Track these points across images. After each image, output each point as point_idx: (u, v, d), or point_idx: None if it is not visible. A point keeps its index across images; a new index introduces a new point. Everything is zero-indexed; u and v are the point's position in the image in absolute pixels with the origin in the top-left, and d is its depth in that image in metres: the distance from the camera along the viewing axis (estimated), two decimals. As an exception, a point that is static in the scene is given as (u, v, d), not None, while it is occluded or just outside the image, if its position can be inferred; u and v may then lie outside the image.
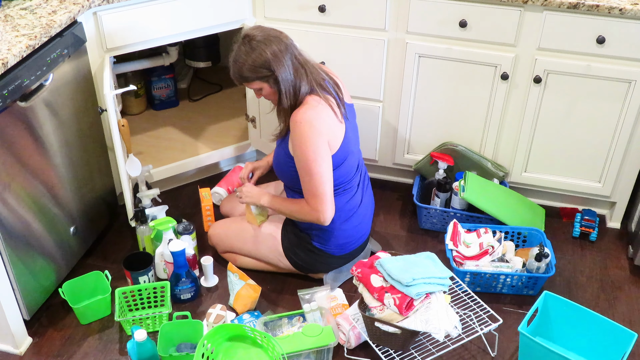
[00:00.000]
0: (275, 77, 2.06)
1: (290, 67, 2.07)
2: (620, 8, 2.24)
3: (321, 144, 2.07)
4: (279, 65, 2.05)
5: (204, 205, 2.65)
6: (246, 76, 2.08)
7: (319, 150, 2.07)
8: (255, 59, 2.04)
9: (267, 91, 2.12)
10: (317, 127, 2.06)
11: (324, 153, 2.08)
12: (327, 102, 2.12)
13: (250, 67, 2.06)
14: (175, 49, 3.12)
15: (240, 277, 2.33)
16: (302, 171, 2.11)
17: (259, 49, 2.04)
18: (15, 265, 2.05)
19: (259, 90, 2.14)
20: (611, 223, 2.75)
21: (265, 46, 2.04)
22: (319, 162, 2.08)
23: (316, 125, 2.06)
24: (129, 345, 2.09)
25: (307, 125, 2.05)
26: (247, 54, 2.05)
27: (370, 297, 1.99)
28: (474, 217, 2.62)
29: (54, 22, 2.10)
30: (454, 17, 2.44)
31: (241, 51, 2.06)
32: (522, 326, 2.05)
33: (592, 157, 2.60)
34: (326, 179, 2.10)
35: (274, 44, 2.05)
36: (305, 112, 2.07)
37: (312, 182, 2.10)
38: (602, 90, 2.43)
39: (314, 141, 2.06)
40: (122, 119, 2.43)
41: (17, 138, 2.00)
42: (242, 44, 2.07)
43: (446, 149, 2.70)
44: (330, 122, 2.11)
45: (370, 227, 2.41)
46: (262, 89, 2.12)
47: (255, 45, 2.04)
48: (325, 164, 2.09)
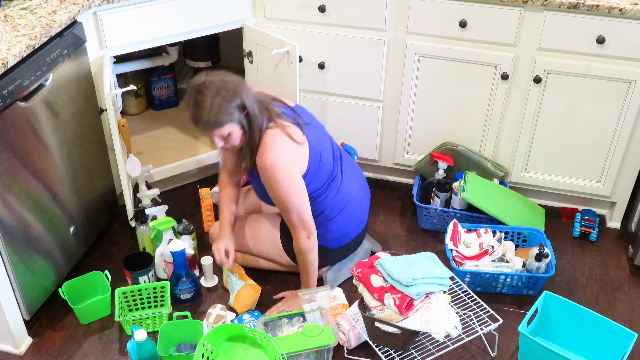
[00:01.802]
0: (248, 114, 2.00)
1: (255, 103, 2.03)
2: (620, 8, 2.24)
3: (290, 177, 2.07)
4: (248, 98, 1.99)
5: (204, 205, 2.65)
6: (219, 120, 1.96)
7: (291, 186, 2.08)
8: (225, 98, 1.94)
9: (236, 134, 2.02)
10: (283, 165, 2.05)
11: (296, 185, 2.09)
12: (283, 131, 2.08)
13: (223, 109, 1.95)
14: (175, 49, 3.12)
15: (240, 277, 2.33)
16: (281, 207, 2.13)
17: (224, 87, 1.96)
18: (15, 265, 2.05)
19: (224, 137, 2.02)
20: (611, 223, 2.75)
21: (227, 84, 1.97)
22: (295, 195, 2.09)
23: (281, 164, 2.05)
24: (129, 345, 2.09)
25: (272, 168, 2.04)
26: (214, 95, 1.93)
27: (370, 297, 1.99)
28: (474, 217, 2.62)
29: (54, 22, 2.10)
30: (454, 17, 2.44)
31: (205, 95, 1.94)
32: (522, 326, 2.05)
33: (592, 157, 2.60)
34: (305, 207, 2.13)
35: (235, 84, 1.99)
36: (267, 157, 2.04)
37: (292, 216, 2.12)
38: (602, 90, 2.43)
39: (284, 179, 2.06)
40: (122, 119, 2.43)
41: (17, 138, 2.00)
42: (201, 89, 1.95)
43: (446, 149, 2.70)
44: (292, 151, 2.09)
45: (367, 215, 2.40)
46: (231, 133, 2.01)
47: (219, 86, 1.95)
48: (301, 195, 2.11)
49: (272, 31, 2.57)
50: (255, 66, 2.68)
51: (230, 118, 1.97)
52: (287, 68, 2.50)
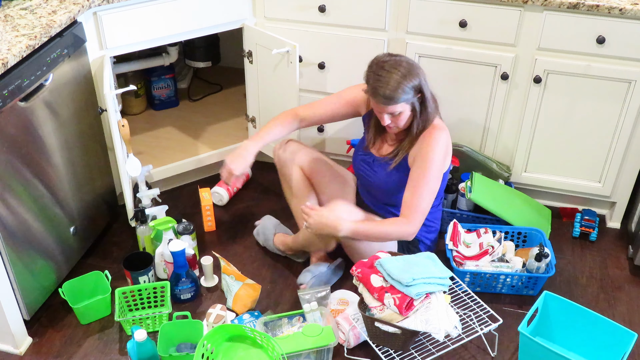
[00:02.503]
0: (423, 101, 2.09)
1: (429, 92, 2.12)
2: (620, 8, 2.24)
3: (444, 167, 2.18)
4: (425, 83, 2.08)
5: (204, 205, 2.65)
6: (396, 97, 2.03)
7: (441, 173, 2.17)
8: (405, 75, 2.02)
9: (405, 115, 2.10)
10: (448, 151, 2.19)
11: (441, 177, 2.18)
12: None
13: (402, 86, 2.02)
14: (175, 49, 3.12)
15: (237, 278, 2.33)
16: (422, 184, 2.12)
17: (404, 66, 2.04)
18: (15, 265, 2.05)
19: (395, 114, 2.09)
20: (611, 223, 2.75)
21: (417, 70, 2.06)
22: (437, 183, 2.17)
23: (448, 148, 2.18)
24: (129, 345, 2.09)
25: (444, 147, 2.14)
26: (393, 71, 2.02)
27: (370, 297, 1.99)
28: (480, 218, 2.61)
29: (54, 22, 2.10)
30: (454, 17, 2.44)
31: (386, 70, 2.03)
32: (522, 326, 2.05)
33: (592, 157, 2.60)
34: (433, 199, 2.17)
35: (412, 64, 2.07)
36: (443, 134, 2.15)
37: (426, 198, 2.13)
38: (602, 90, 2.43)
39: (443, 163, 2.16)
40: (122, 119, 2.43)
41: (17, 138, 2.00)
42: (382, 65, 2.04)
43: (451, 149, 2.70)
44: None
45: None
46: (402, 112, 2.09)
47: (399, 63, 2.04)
48: (438, 186, 2.19)
49: (272, 31, 2.58)
50: (255, 66, 2.68)
51: (405, 97, 2.04)
52: (287, 68, 2.50)
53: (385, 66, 2.04)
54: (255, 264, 2.54)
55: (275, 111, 2.70)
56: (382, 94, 2.03)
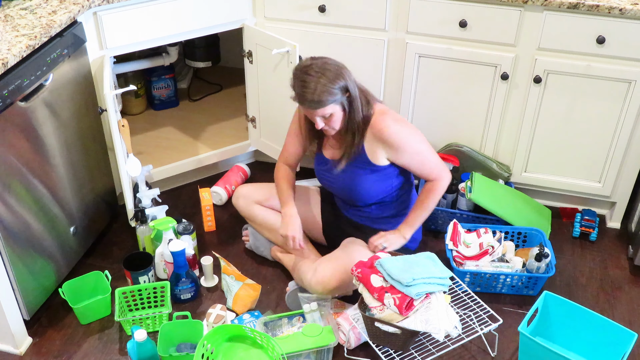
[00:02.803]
0: (349, 96, 2.09)
1: (355, 84, 2.11)
2: (620, 8, 2.24)
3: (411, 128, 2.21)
4: (350, 81, 2.08)
5: (204, 205, 2.65)
6: (321, 100, 2.03)
7: (415, 133, 2.20)
8: (329, 79, 2.02)
9: (337, 115, 2.10)
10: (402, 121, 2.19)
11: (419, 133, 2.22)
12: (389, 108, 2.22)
13: (327, 89, 2.02)
14: (175, 49, 3.12)
15: (237, 278, 2.33)
16: (420, 158, 2.20)
17: (328, 69, 2.04)
18: (15, 265, 2.05)
19: (326, 117, 2.09)
20: (611, 223, 2.75)
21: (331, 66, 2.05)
22: (424, 141, 2.21)
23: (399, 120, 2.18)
24: (129, 345, 2.09)
25: (396, 125, 2.14)
26: (318, 76, 2.02)
27: (370, 297, 1.99)
28: (480, 218, 2.61)
29: (54, 22, 2.10)
30: (454, 17, 2.44)
31: (311, 76, 2.03)
32: (522, 326, 2.05)
33: (592, 157, 2.60)
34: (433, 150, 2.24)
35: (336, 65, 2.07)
36: (386, 118, 2.14)
37: (432, 159, 2.22)
38: (602, 90, 2.43)
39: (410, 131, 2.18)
40: (122, 119, 2.43)
41: (17, 138, 2.00)
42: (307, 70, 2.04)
43: (451, 149, 2.70)
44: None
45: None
46: (333, 113, 2.08)
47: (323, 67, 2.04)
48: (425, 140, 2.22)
49: (272, 31, 2.57)
50: (255, 66, 2.68)
51: (333, 99, 2.05)
52: (287, 68, 2.50)
53: (309, 71, 2.03)
54: (256, 264, 2.54)
55: (275, 111, 2.71)
56: (309, 99, 2.03)
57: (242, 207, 2.50)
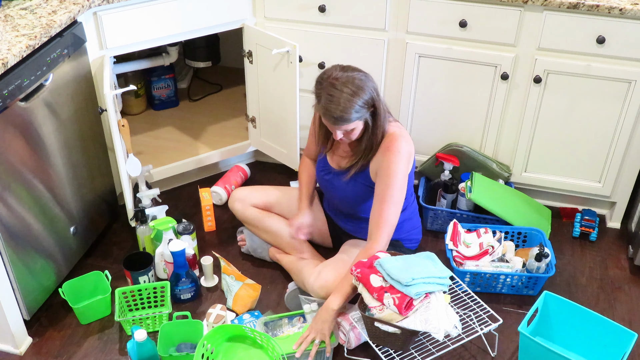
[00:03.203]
0: (375, 113, 2.05)
1: (381, 102, 2.06)
2: (620, 8, 2.24)
3: (408, 174, 2.15)
4: (376, 96, 2.03)
5: (204, 205, 2.65)
6: (348, 117, 1.98)
7: (406, 180, 2.13)
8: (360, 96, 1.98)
9: (358, 130, 2.06)
10: (410, 159, 2.14)
11: (406, 185, 2.15)
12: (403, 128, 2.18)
13: (356, 107, 1.98)
14: (175, 49, 3.12)
15: (237, 278, 2.33)
16: (388, 197, 2.08)
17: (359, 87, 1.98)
18: (15, 265, 2.05)
19: (349, 130, 2.05)
20: (611, 223, 2.75)
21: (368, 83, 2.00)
22: (404, 191, 2.13)
23: (410, 155, 2.13)
24: (129, 345, 2.09)
25: (406, 156, 2.10)
26: (348, 92, 1.96)
27: (369, 297, 1.99)
28: (480, 218, 2.61)
29: (54, 22, 2.10)
30: (454, 17, 2.44)
31: (339, 90, 1.97)
32: (522, 326, 2.05)
33: (592, 157, 2.60)
34: (400, 211, 2.13)
35: (370, 82, 2.02)
36: (402, 143, 2.09)
37: (394, 211, 2.10)
38: (602, 90, 2.43)
39: (406, 171, 2.12)
40: (122, 119, 2.43)
41: (17, 138, 2.00)
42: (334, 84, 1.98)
43: (451, 149, 2.70)
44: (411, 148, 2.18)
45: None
46: (355, 128, 2.05)
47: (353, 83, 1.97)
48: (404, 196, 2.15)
49: (272, 31, 2.57)
50: (255, 66, 2.68)
51: (358, 115, 2.01)
52: (287, 68, 2.50)
53: (337, 85, 1.97)
54: (256, 264, 2.54)
55: (275, 111, 2.71)
56: (335, 115, 1.98)
57: (238, 210, 2.49)
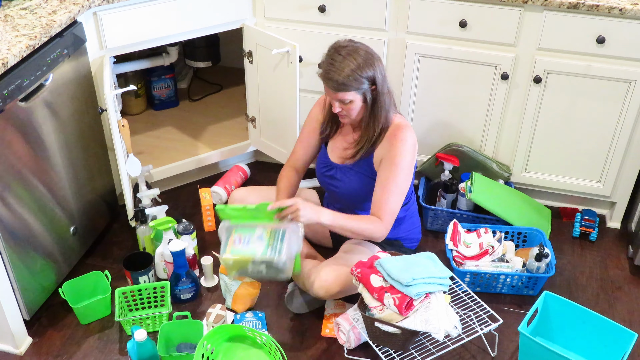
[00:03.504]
0: (374, 90, 2.03)
1: (386, 83, 2.05)
2: (620, 8, 2.24)
3: (413, 166, 2.14)
4: (379, 76, 2.01)
5: (204, 205, 2.65)
6: (346, 83, 1.97)
7: (411, 173, 2.13)
8: (359, 64, 1.96)
9: (356, 105, 2.04)
10: (415, 150, 2.12)
11: (412, 176, 2.15)
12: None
13: (354, 74, 1.96)
14: (175, 49, 3.12)
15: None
16: (392, 187, 2.08)
17: (360, 55, 1.97)
18: (15, 265, 2.05)
19: (347, 102, 2.03)
20: (611, 223, 2.75)
21: (365, 54, 1.98)
22: (408, 184, 2.13)
23: (415, 148, 2.12)
24: (129, 345, 2.09)
25: (411, 148, 2.09)
26: (347, 58, 1.96)
27: (370, 297, 1.99)
28: (480, 218, 2.61)
29: (54, 22, 2.10)
30: (454, 17, 2.44)
31: (341, 55, 1.97)
32: (522, 326, 2.05)
33: (592, 157, 2.60)
34: (403, 200, 2.15)
35: (372, 55, 2.00)
36: (408, 133, 2.08)
37: (397, 200, 2.10)
38: (602, 90, 2.43)
39: (412, 163, 2.11)
40: (122, 119, 2.43)
41: (17, 138, 2.00)
42: (339, 49, 1.98)
43: (451, 149, 2.70)
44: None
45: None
46: (353, 101, 2.03)
47: (355, 52, 1.97)
48: (409, 187, 2.15)
49: (272, 31, 2.57)
50: (255, 66, 2.68)
51: (357, 86, 1.99)
52: (287, 68, 2.50)
53: (342, 52, 1.98)
54: (255, 264, 2.54)
55: (275, 111, 2.71)
56: (333, 78, 1.97)
57: None
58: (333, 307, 2.31)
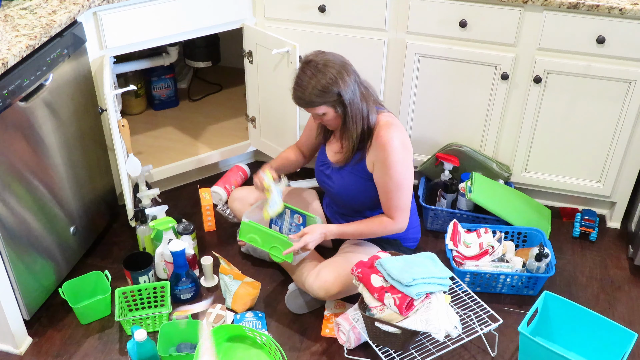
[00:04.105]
0: (342, 102, 2.04)
1: (357, 90, 2.06)
2: (620, 8, 2.24)
3: (410, 159, 2.14)
4: (346, 88, 2.02)
5: (204, 205, 2.65)
6: (312, 100, 2.02)
7: (410, 166, 2.13)
8: (320, 82, 1.99)
9: (330, 116, 2.07)
10: (407, 145, 2.12)
11: (412, 168, 2.15)
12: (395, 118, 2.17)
13: (317, 91, 2.00)
14: (175, 49, 3.12)
15: (235, 277, 2.32)
16: (393, 187, 2.11)
17: (324, 72, 1.99)
18: (15, 265, 2.05)
19: (321, 115, 2.08)
20: (611, 223, 2.75)
21: (329, 69, 2.00)
22: (409, 178, 2.14)
23: (405, 142, 2.11)
24: (129, 345, 2.09)
25: (399, 145, 2.08)
26: (312, 76, 1.99)
27: (370, 297, 1.99)
28: (480, 218, 2.61)
29: (54, 22, 2.10)
30: (454, 17, 2.44)
31: (306, 75, 2.01)
32: (522, 326, 2.05)
33: (592, 157, 2.60)
34: (411, 192, 2.17)
35: (337, 67, 2.01)
36: (393, 133, 2.08)
37: (402, 197, 2.13)
38: (602, 90, 2.43)
39: (406, 158, 2.11)
40: (122, 119, 2.43)
41: (17, 138, 2.00)
42: (305, 68, 2.02)
43: (451, 149, 2.70)
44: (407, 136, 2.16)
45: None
46: (326, 114, 2.06)
47: (320, 68, 1.99)
48: (412, 178, 2.16)
49: (272, 31, 2.57)
50: (255, 66, 2.68)
51: (323, 100, 2.02)
52: (287, 68, 2.50)
53: (308, 71, 2.01)
54: (256, 263, 2.54)
55: (275, 111, 2.71)
56: (299, 97, 2.03)
57: (237, 210, 2.49)
58: (333, 307, 2.31)
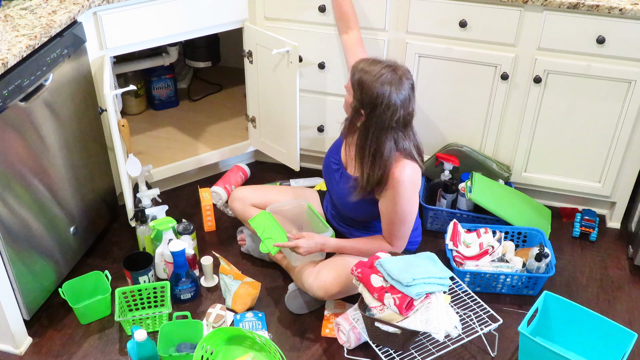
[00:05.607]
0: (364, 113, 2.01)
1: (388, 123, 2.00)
2: (620, 8, 2.24)
3: (417, 193, 2.15)
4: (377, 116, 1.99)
5: (204, 205, 2.65)
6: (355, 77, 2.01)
7: (416, 201, 2.15)
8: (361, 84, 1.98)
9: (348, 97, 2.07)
10: (416, 182, 2.11)
11: (417, 201, 2.17)
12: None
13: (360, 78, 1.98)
14: (175, 49, 3.12)
15: (235, 277, 2.32)
16: (397, 220, 2.14)
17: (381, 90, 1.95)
18: (15, 265, 2.05)
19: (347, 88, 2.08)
20: (611, 223, 2.75)
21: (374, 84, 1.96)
22: (414, 212, 2.17)
23: (415, 181, 2.10)
24: (129, 345, 2.09)
25: (409, 184, 2.07)
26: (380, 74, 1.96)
27: (370, 297, 1.99)
28: (480, 218, 2.61)
29: (54, 22, 2.10)
30: (454, 17, 2.44)
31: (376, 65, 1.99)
32: (522, 326, 2.05)
33: (592, 157, 2.60)
34: (413, 223, 2.20)
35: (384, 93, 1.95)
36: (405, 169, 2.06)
37: (404, 229, 2.16)
38: (602, 90, 2.43)
39: (413, 194, 2.12)
40: (122, 119, 2.43)
41: (17, 138, 2.00)
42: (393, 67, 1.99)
43: (451, 149, 2.70)
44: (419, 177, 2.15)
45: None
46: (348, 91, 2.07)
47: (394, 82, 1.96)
48: (416, 211, 2.20)
49: (272, 31, 2.57)
50: (255, 66, 2.68)
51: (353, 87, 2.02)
52: (287, 68, 2.50)
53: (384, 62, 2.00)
54: (256, 263, 2.54)
55: (275, 111, 2.71)
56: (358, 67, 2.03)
57: (238, 209, 2.49)
58: (333, 307, 2.31)
